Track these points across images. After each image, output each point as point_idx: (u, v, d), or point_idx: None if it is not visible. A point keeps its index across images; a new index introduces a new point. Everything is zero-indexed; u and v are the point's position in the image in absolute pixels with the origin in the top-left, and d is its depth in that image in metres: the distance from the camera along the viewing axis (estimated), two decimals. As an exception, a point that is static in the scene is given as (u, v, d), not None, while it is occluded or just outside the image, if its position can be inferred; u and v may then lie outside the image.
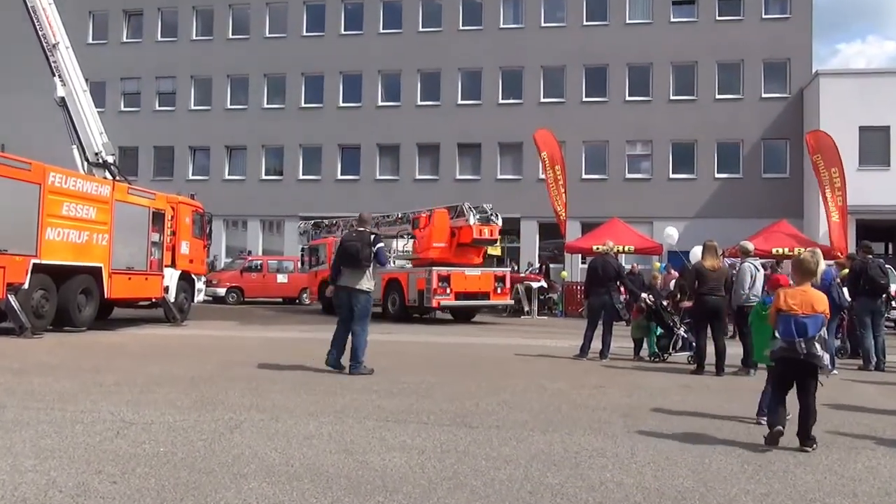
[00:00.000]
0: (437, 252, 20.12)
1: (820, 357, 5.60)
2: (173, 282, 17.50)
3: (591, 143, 32.84)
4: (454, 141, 33.78)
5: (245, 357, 10.77)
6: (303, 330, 16.93)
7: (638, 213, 30.81)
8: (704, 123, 31.77)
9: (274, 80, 35.81)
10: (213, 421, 6.06)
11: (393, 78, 34.83)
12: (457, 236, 20.16)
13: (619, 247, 23.56)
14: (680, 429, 6.20)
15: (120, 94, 36.78)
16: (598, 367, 10.70)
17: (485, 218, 20.18)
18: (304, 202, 34.23)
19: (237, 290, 28.87)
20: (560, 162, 25.83)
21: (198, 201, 19.41)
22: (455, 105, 34.02)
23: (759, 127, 31.67)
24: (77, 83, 17.10)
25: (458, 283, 19.82)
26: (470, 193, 32.64)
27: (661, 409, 7.20)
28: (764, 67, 31.99)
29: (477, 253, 20.59)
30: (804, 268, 5.89)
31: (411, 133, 33.97)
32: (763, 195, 30.84)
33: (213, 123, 35.63)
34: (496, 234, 20.19)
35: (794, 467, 5.08)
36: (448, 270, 19.80)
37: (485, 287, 20.19)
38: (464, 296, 19.90)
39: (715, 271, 10.14)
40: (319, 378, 8.68)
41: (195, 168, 36.35)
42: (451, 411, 6.73)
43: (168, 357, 10.60)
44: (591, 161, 32.75)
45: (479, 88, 33.98)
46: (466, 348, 13.10)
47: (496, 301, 20.66)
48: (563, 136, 29.23)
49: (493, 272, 20.59)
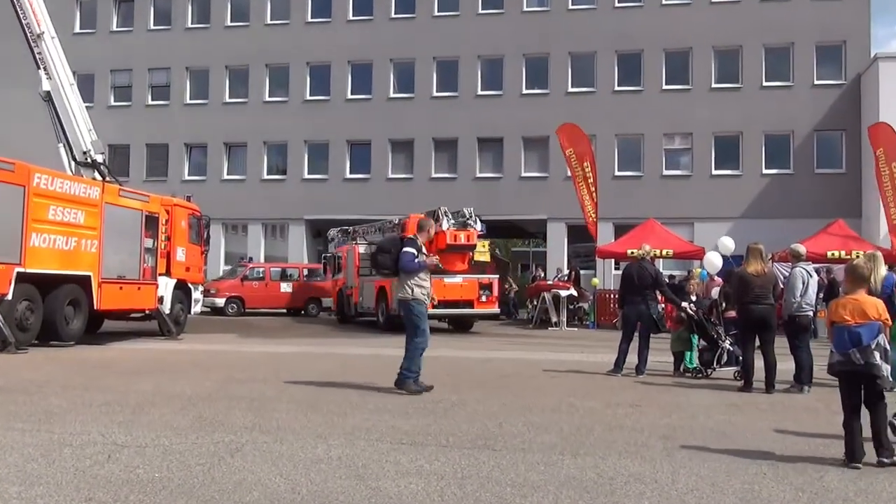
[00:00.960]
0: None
1: (878, 366, 5.63)
2: (168, 291, 17.63)
3: (624, 137, 32.72)
4: (473, 135, 33.80)
5: (247, 373, 10.83)
6: (310, 344, 16.99)
7: (677, 213, 30.64)
8: (750, 114, 31.57)
9: (276, 70, 36.05)
10: (212, 444, 6.09)
11: (406, 67, 34.93)
12: (434, 242, 20.52)
13: (657, 251, 23.44)
14: (726, 452, 6.15)
15: (110, 88, 37.18)
16: (634, 383, 10.64)
17: (461, 222, 21.02)
18: (310, 204, 34.41)
19: (237, 301, 29.04)
20: (590, 158, 25.78)
21: (194, 203, 19.55)
22: (474, 96, 34.06)
23: (812, 117, 31.41)
24: (63, 76, 17.30)
25: (437, 290, 20.27)
26: (491, 193, 32.71)
27: (705, 429, 7.14)
28: (816, 51, 31.74)
29: (461, 259, 21.26)
30: (857, 274, 5.99)
31: (426, 127, 34.04)
32: (816, 193, 30.57)
33: (211, 118, 35.91)
34: (473, 239, 20.93)
35: (855, 496, 5.02)
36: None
37: (467, 295, 20.99)
38: (443, 304, 20.49)
39: (760, 277, 10.06)
40: (328, 396, 8.70)
41: (191, 167, 36.65)
42: (473, 433, 6.72)
43: (163, 374, 10.66)
44: (624, 157, 32.63)
45: (500, 78, 33.99)
46: (489, 363, 13.08)
47: (481, 310, 21.37)
48: (593, 129, 29.17)
49: (478, 279, 21.26)
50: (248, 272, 29.92)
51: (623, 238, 25.97)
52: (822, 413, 8.35)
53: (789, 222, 28.43)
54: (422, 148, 34.33)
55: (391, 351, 15.23)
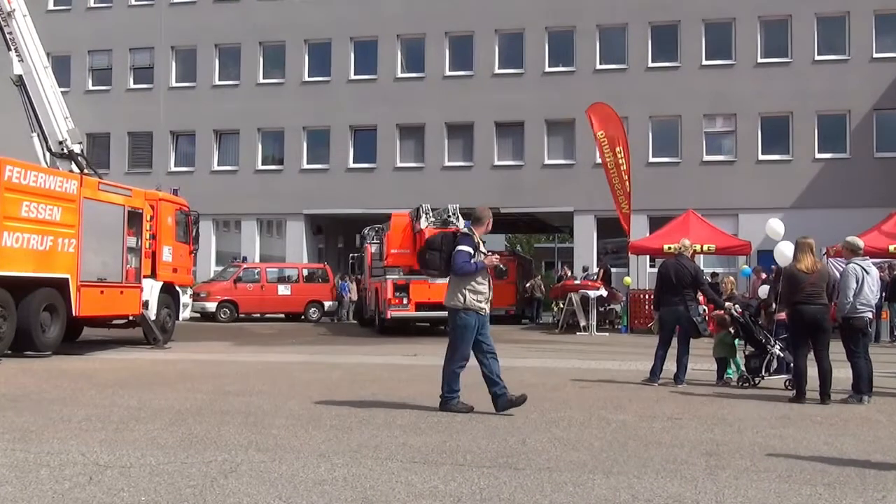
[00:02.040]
0: (398, 259, 22.54)
1: None
2: (154, 295, 17.71)
3: (659, 119, 32.60)
4: (491, 119, 33.77)
5: (241, 385, 10.87)
6: (311, 352, 17.03)
7: (719, 203, 30.50)
8: (801, 92, 31.37)
9: (271, 49, 36.14)
10: (203, 463, 6.11)
11: (415, 44, 34.94)
12: (418, 241, 21.76)
13: (697, 246, 23.33)
14: (776, 471, 6.12)
15: (87, 71, 37.41)
16: (672, 394, 10.60)
17: (441, 221, 22.00)
18: (310, 197, 34.50)
19: (230, 305, 29.18)
20: (622, 142, 25.70)
21: (182, 198, 19.64)
22: (491, 75, 34.02)
23: (871, 95, 31.17)
24: (37, 58, 17.41)
25: (419, 292, 21.77)
26: (511, 182, 32.68)
27: (753, 445, 7.11)
28: (875, 20, 31.48)
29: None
30: None
31: (438, 111, 34.04)
32: (876, 179, 30.34)
33: (199, 103, 36.07)
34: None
35: (922, 518, 4.98)
36: (406, 279, 21.97)
37: None
38: (428, 306, 21.50)
39: (811, 274, 10.00)
40: (331, 410, 8.72)
41: (178, 157, 36.84)
42: (493, 450, 6.72)
43: (149, 386, 10.72)
44: (659, 141, 32.51)
45: (520, 54, 33.93)
46: (510, 373, 13.00)
47: None
48: (625, 110, 29.07)
49: None
50: (242, 273, 30.04)
51: (659, 232, 25.86)
52: (884, 426, 8.30)
53: (845, 213, 28.21)
54: (433, 134, 34.34)
55: (399, 359, 15.28)
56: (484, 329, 8.56)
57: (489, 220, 8.79)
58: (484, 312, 8.51)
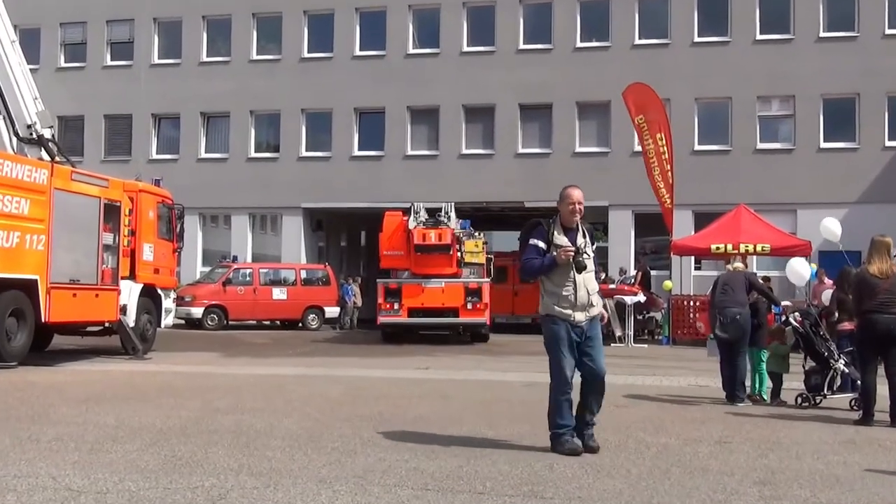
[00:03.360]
0: (391, 261, 23.57)
1: None
2: (133, 299, 17.78)
3: (706, 102, 32.44)
4: (514, 101, 33.71)
5: (231, 401, 10.90)
6: (310, 364, 17.07)
7: (775, 197, 30.32)
8: (869, 70, 31.14)
9: (266, 22, 36.20)
10: (188, 489, 6.12)
11: (428, 15, 34.93)
12: (411, 242, 22.89)
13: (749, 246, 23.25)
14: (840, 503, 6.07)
15: (59, 46, 37.57)
16: (723, 414, 10.56)
17: (432, 220, 23.01)
18: (309, 189, 34.51)
19: (218, 310, 29.26)
20: (665, 128, 25.61)
21: (165, 189, 19.71)
22: (515, 51, 33.95)
23: (949, 73, 30.92)
24: (3, 31, 17.48)
25: (412, 296, 22.87)
26: (537, 172, 32.61)
27: (813, 473, 7.07)
28: (955, -11, 31.23)
29: (447, 261, 23.13)
30: None
31: (455, 91, 34.00)
32: (956, 170, 30.11)
33: (185, 82, 36.14)
34: (447, 238, 22.82)
35: None
36: (398, 282, 23.09)
37: (451, 302, 23.14)
38: (421, 312, 22.83)
39: (886, 279, 9.97)
40: (333, 430, 8.73)
41: (161, 143, 36.93)
42: (516, 476, 6.71)
43: (127, 401, 10.76)
44: (707, 126, 32.35)
45: (548, 27, 33.84)
46: (534, 389, 13.00)
47: (467, 319, 23.35)
48: (666, 92, 28.95)
49: (464, 283, 23.27)
50: (232, 275, 30.12)
51: (706, 230, 25.73)
52: (965, 453, 8.24)
53: (921, 208, 28.04)
54: (449, 117, 34.29)
55: (410, 373, 15.29)
56: (590, 344, 7.85)
57: (569, 202, 7.87)
58: (577, 321, 7.74)
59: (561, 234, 7.87)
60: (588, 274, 7.81)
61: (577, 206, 7.88)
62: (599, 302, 8.00)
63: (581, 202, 7.90)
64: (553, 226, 7.92)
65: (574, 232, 7.92)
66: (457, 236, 23.74)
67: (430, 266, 23.36)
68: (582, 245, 7.82)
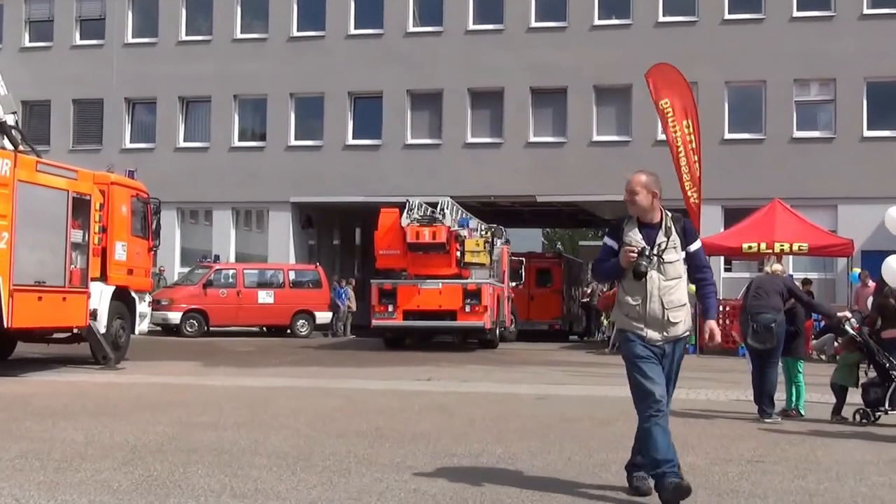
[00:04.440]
0: (387, 261, 24.45)
1: None
2: (104, 303, 17.76)
3: (738, 86, 32.39)
4: (525, 85, 33.67)
5: (212, 416, 10.91)
6: (299, 375, 17.06)
7: (813, 191, 30.24)
8: (918, 50, 31.09)
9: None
10: (165, 512, 6.15)
11: (431, -10, 34.93)
12: (404, 241, 23.65)
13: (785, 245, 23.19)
14: (884, 528, 6.10)
15: (23, 23, 37.55)
16: (752, 430, 10.54)
17: (427, 217, 23.70)
18: (298, 181, 34.46)
19: (198, 316, 29.22)
20: (692, 114, 25.56)
21: (140, 182, 19.71)
22: (526, 30, 33.94)
23: None
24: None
25: (407, 298, 23.58)
26: (550, 163, 32.60)
27: (855, 496, 7.05)
28: None
29: (445, 261, 23.82)
30: None
31: (460, 74, 33.96)
32: None
33: (162, 64, 36.10)
34: (441, 236, 23.38)
35: None
36: (393, 283, 23.96)
37: (448, 304, 23.75)
38: (418, 315, 23.53)
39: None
40: (325, 447, 8.74)
41: (135, 131, 36.91)
42: (525, 499, 6.71)
43: (98, 416, 10.76)
44: (738, 112, 32.30)
45: (562, 3, 33.79)
46: (547, 403, 13.05)
47: (465, 322, 23.84)
48: (694, 74, 28.90)
49: (462, 285, 23.84)
50: (214, 276, 30.12)
51: (737, 227, 25.70)
52: None
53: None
54: (453, 103, 34.26)
55: (410, 384, 15.29)
56: (668, 366, 7.17)
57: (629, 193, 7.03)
58: (650, 340, 6.93)
59: (634, 229, 6.97)
60: (670, 282, 6.87)
61: (628, 194, 7.02)
62: (684, 319, 7.06)
63: (634, 190, 6.97)
64: (628, 221, 7.07)
65: (654, 228, 6.97)
66: (455, 234, 24.11)
67: (426, 266, 23.97)
68: (661, 244, 6.88)
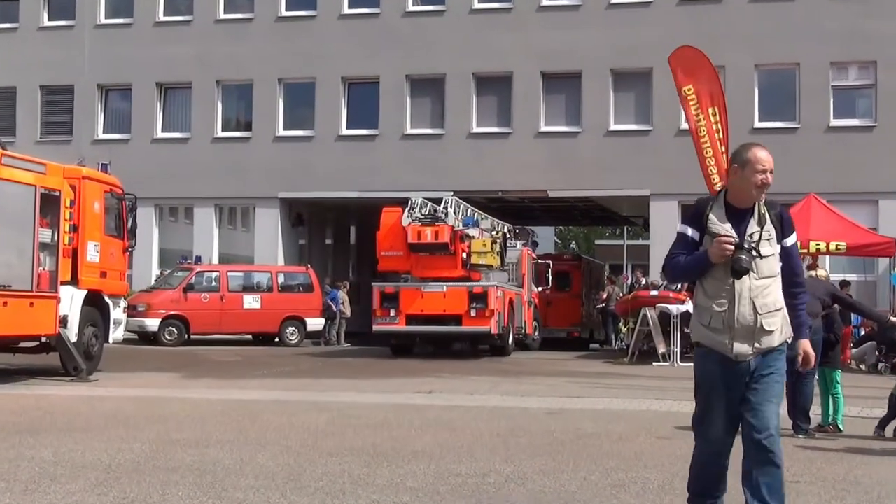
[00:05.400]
0: (389, 263, 25.13)
1: None
2: (75, 309, 17.74)
3: (768, 69, 32.35)
4: (536, 69, 33.66)
5: (193, 432, 10.90)
6: (289, 388, 17.06)
7: (851, 185, 30.21)
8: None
9: (235, -27, 36.24)
10: (143, 538, 6.14)
11: (432, -35, 34.93)
12: (405, 241, 24.35)
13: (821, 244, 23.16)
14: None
15: (-14, 3, 37.64)
16: (786, 447, 10.48)
17: (430, 217, 24.40)
18: (288, 175, 34.45)
19: (178, 322, 29.19)
20: (718, 101, 25.51)
21: (114, 176, 19.71)
22: (536, 8, 33.92)
23: None
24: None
25: (410, 302, 24.18)
26: (563, 155, 32.57)
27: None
28: None
29: (450, 263, 24.42)
30: None
31: (464, 57, 33.92)
32: None
33: (137, 47, 36.12)
34: (444, 236, 24.21)
35: None
36: (395, 286, 24.64)
37: (453, 308, 24.38)
38: (422, 319, 24.33)
39: None
40: (317, 466, 8.74)
41: (109, 121, 36.91)
42: (538, 523, 6.72)
43: (68, 432, 10.75)
44: (769, 98, 32.26)
45: (576, -21, 33.85)
46: (560, 417, 13.04)
47: (470, 328, 24.44)
48: (721, 56, 28.88)
49: (468, 288, 24.38)
50: (195, 279, 30.08)
51: (768, 224, 25.69)
52: None
53: None
54: (457, 89, 34.24)
55: (410, 398, 15.27)
56: (756, 387, 6.03)
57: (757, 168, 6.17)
58: (737, 354, 5.94)
59: (723, 216, 6.13)
60: (763, 281, 5.99)
61: (768, 175, 6.18)
62: (781, 327, 6.03)
63: (772, 168, 6.21)
64: (713, 205, 6.21)
65: (745, 214, 6.16)
66: (461, 234, 24.51)
67: (430, 268, 24.53)
68: (755, 236, 6.06)
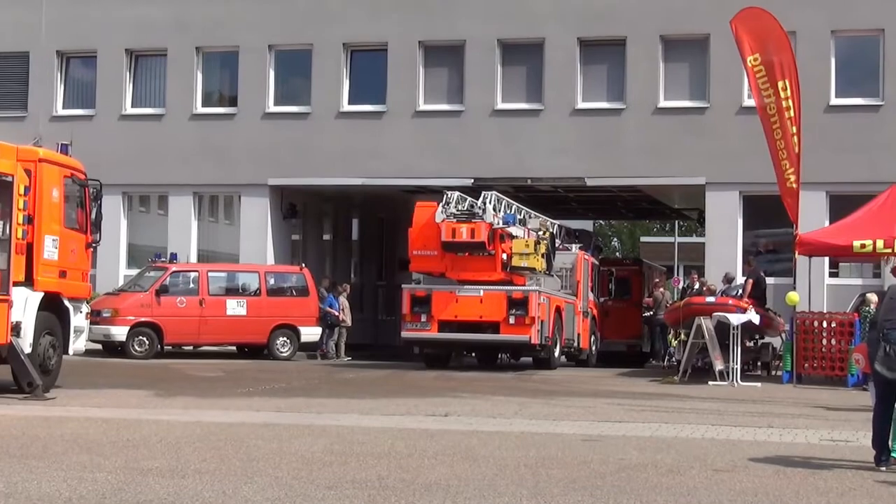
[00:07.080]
0: (422, 263, 25.95)
1: None
2: (30, 314, 17.79)
3: (848, 36, 32.30)
4: (571, 35, 33.63)
5: (167, 460, 10.93)
6: (280, 408, 17.08)
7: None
8: None
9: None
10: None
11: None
12: (439, 239, 24.97)
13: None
14: None
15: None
16: (866, 483, 10.51)
17: (466, 213, 24.93)
18: (279, 158, 34.53)
19: (149, 331, 29.22)
20: (790, 73, 25.42)
21: (75, 159, 19.76)
22: (572, -36, 33.96)
23: None
24: None
25: (444, 307, 24.87)
26: (603, 137, 32.55)
27: None
28: None
29: (489, 264, 25.00)
30: None
31: (487, 21, 33.95)
32: None
33: (103, 7, 36.23)
34: (481, 234, 24.74)
35: None
36: (427, 289, 25.30)
37: (490, 314, 25.07)
38: (455, 326, 24.93)
39: None
40: (313, 501, 8.78)
41: (70, 94, 37.06)
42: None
43: (21, 459, 10.79)
44: (847, 70, 32.21)
45: (620, -71, 33.85)
46: (597, 445, 13.02)
47: (509, 336, 25.12)
48: (793, 21, 28.83)
49: (507, 292, 24.98)
50: (170, 280, 30.12)
51: (846, 220, 25.59)
52: None
53: None
54: (479, 58, 34.23)
55: (421, 421, 15.29)
56: None
57: None
58: None
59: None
60: None
61: None
62: None
63: None
64: None
65: None
66: (501, 233, 24.94)
67: (467, 270, 25.10)
68: None
